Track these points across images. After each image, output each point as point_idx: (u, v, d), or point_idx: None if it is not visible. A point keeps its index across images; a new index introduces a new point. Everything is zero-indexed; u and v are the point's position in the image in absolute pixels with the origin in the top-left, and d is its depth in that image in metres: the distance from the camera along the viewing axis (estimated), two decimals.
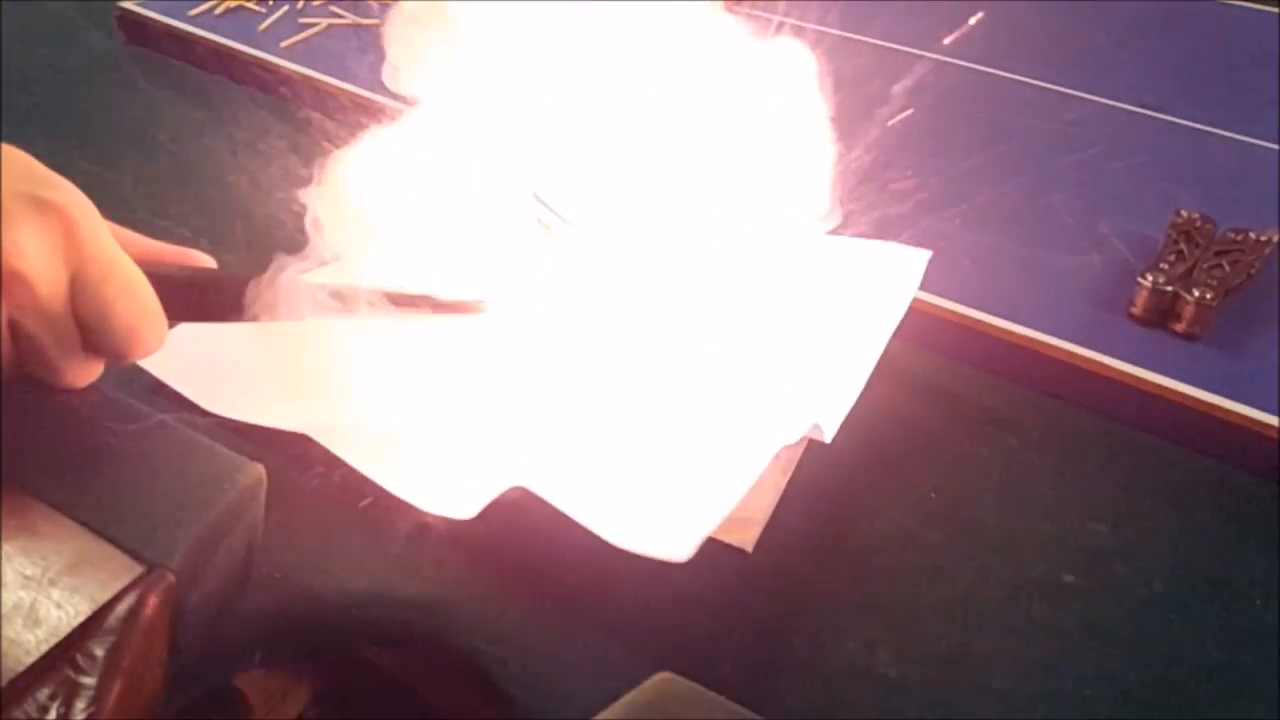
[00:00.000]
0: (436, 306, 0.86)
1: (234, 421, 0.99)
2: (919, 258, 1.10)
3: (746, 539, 0.95)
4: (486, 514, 0.96)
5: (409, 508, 0.96)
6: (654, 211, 1.17)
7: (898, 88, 1.68)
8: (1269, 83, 1.68)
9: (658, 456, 0.98)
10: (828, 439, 0.94)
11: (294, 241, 1.33)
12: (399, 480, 0.94)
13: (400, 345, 1.12)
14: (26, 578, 0.62)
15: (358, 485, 0.97)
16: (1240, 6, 1.95)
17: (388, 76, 1.10)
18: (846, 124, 1.56)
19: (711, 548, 0.95)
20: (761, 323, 1.12)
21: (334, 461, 0.94)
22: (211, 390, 1.00)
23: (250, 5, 1.77)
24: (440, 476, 0.97)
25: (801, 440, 0.96)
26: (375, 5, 1.79)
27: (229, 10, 1.76)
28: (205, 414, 0.98)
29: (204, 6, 1.75)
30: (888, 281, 1.09)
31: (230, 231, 1.33)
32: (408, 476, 0.96)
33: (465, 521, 0.96)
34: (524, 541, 0.97)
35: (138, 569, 0.64)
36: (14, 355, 0.69)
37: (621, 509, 0.91)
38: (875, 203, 1.37)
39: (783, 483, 1.00)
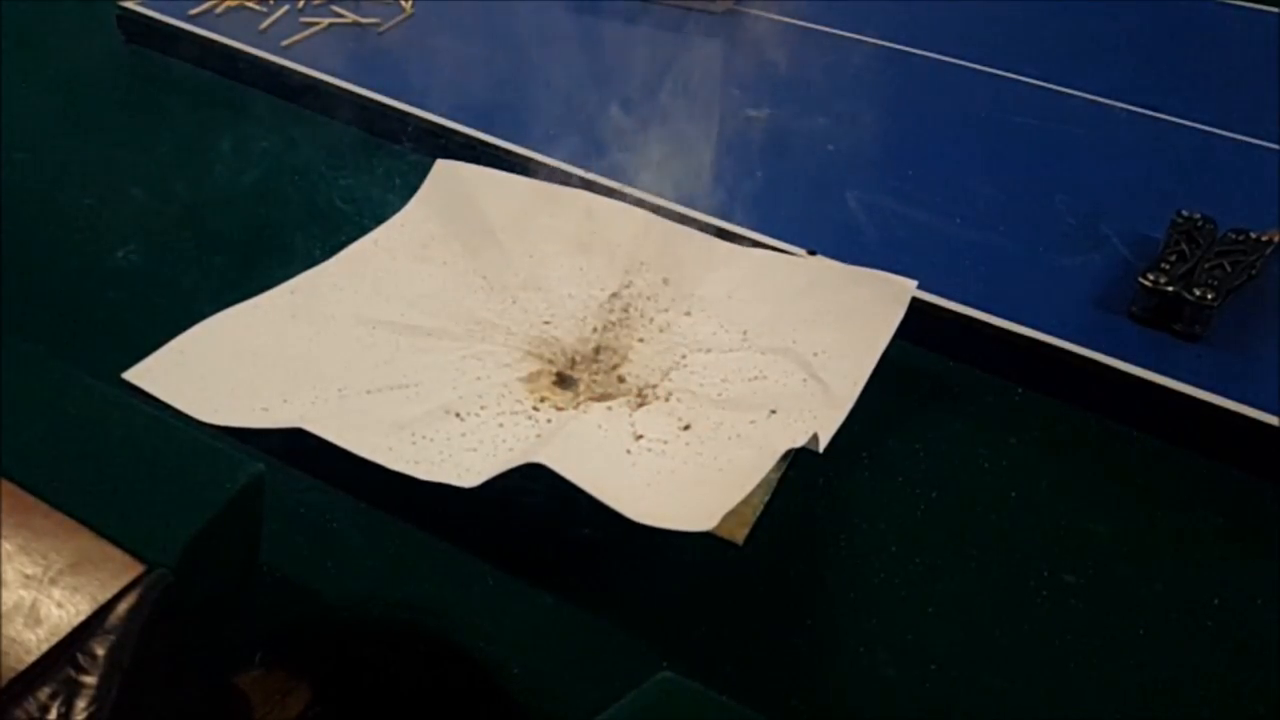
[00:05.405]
0: None
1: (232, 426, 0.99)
2: (906, 286, 1.12)
3: (738, 534, 0.96)
4: (486, 513, 0.97)
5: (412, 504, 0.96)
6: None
7: (898, 87, 1.68)
8: (1269, 83, 1.68)
9: (671, 450, 0.98)
10: (821, 449, 0.95)
11: (291, 238, 1.34)
12: (397, 457, 0.95)
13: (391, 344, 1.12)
14: (27, 577, 0.62)
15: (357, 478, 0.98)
16: (1240, 6, 1.95)
17: None
18: (846, 123, 1.56)
19: (708, 548, 0.96)
20: (765, 339, 1.13)
21: (331, 454, 0.94)
22: (205, 401, 1.01)
23: (250, 5, 1.77)
24: (442, 452, 0.97)
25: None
26: (375, 5, 1.79)
27: (229, 10, 1.76)
28: (202, 425, 0.97)
29: (204, 6, 1.75)
30: (877, 308, 1.11)
31: (229, 227, 1.33)
32: (407, 453, 0.96)
33: (464, 521, 0.97)
34: (524, 541, 0.98)
35: (138, 569, 0.64)
36: None
37: (640, 491, 0.91)
38: (877, 202, 1.37)
39: (774, 480, 1.00)
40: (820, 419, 0.99)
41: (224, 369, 1.06)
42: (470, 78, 1.59)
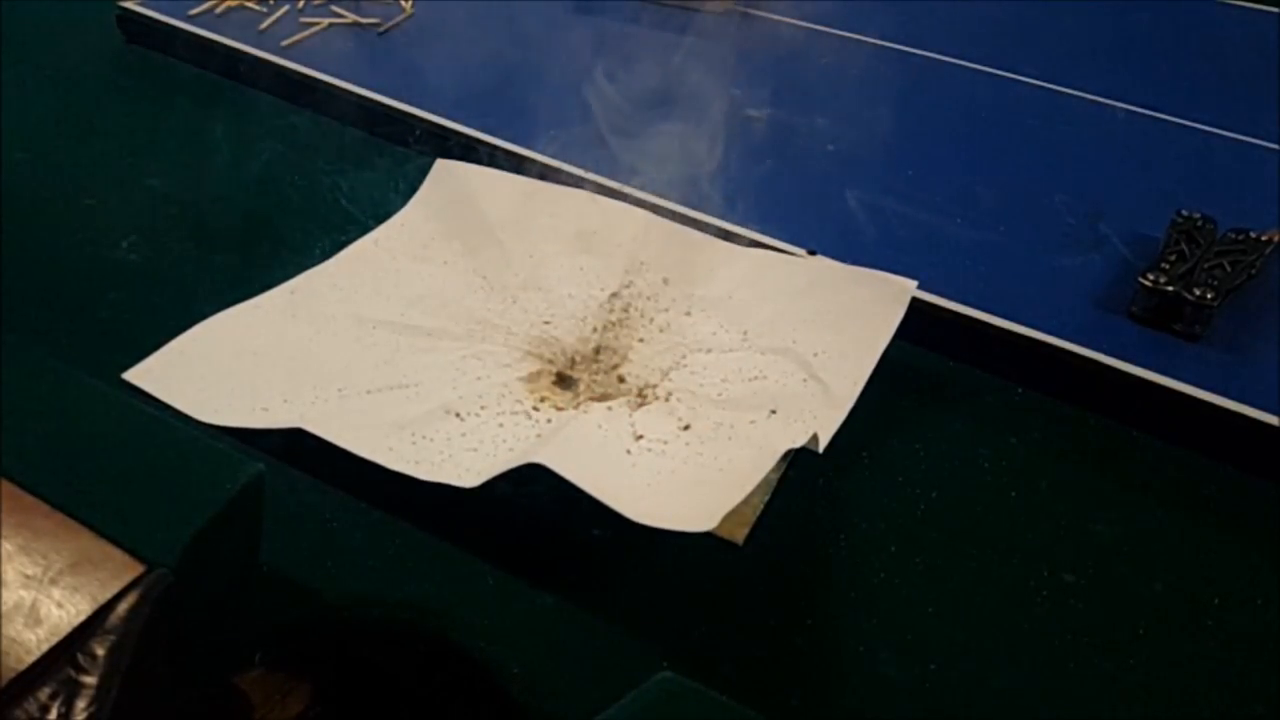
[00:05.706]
0: None
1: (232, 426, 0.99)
2: (906, 286, 1.12)
3: (738, 534, 0.96)
4: (486, 513, 0.97)
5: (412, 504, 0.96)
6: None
7: (898, 87, 1.68)
8: (1269, 83, 1.68)
9: (671, 451, 0.98)
10: (821, 449, 0.95)
11: (291, 238, 1.34)
12: (398, 457, 0.94)
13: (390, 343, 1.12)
14: (27, 577, 0.62)
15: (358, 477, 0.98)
16: (1240, 6, 1.95)
17: None
18: (846, 123, 1.56)
19: (708, 548, 0.96)
20: (765, 339, 1.13)
21: (331, 454, 0.94)
22: (205, 401, 1.01)
23: (250, 5, 1.77)
24: (442, 452, 0.97)
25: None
26: (375, 5, 1.79)
27: (229, 10, 1.76)
28: (202, 425, 0.98)
29: (204, 6, 1.75)
30: (877, 308, 1.11)
31: (228, 227, 1.33)
32: (407, 453, 0.96)
33: (464, 521, 0.97)
34: (524, 541, 0.98)
35: (138, 569, 0.64)
36: None
37: (640, 491, 0.91)
38: (877, 202, 1.37)
39: (774, 480, 1.00)
40: (820, 419, 0.99)
41: (224, 369, 1.06)
42: (471, 77, 1.59)
